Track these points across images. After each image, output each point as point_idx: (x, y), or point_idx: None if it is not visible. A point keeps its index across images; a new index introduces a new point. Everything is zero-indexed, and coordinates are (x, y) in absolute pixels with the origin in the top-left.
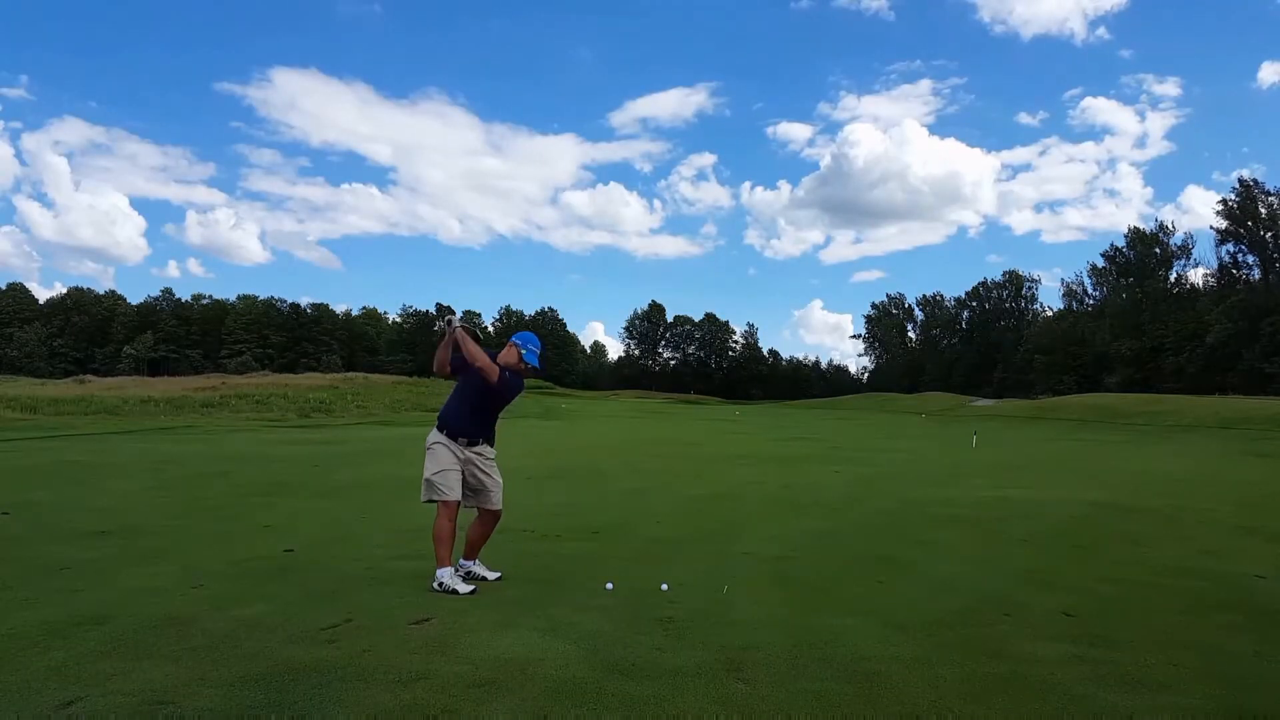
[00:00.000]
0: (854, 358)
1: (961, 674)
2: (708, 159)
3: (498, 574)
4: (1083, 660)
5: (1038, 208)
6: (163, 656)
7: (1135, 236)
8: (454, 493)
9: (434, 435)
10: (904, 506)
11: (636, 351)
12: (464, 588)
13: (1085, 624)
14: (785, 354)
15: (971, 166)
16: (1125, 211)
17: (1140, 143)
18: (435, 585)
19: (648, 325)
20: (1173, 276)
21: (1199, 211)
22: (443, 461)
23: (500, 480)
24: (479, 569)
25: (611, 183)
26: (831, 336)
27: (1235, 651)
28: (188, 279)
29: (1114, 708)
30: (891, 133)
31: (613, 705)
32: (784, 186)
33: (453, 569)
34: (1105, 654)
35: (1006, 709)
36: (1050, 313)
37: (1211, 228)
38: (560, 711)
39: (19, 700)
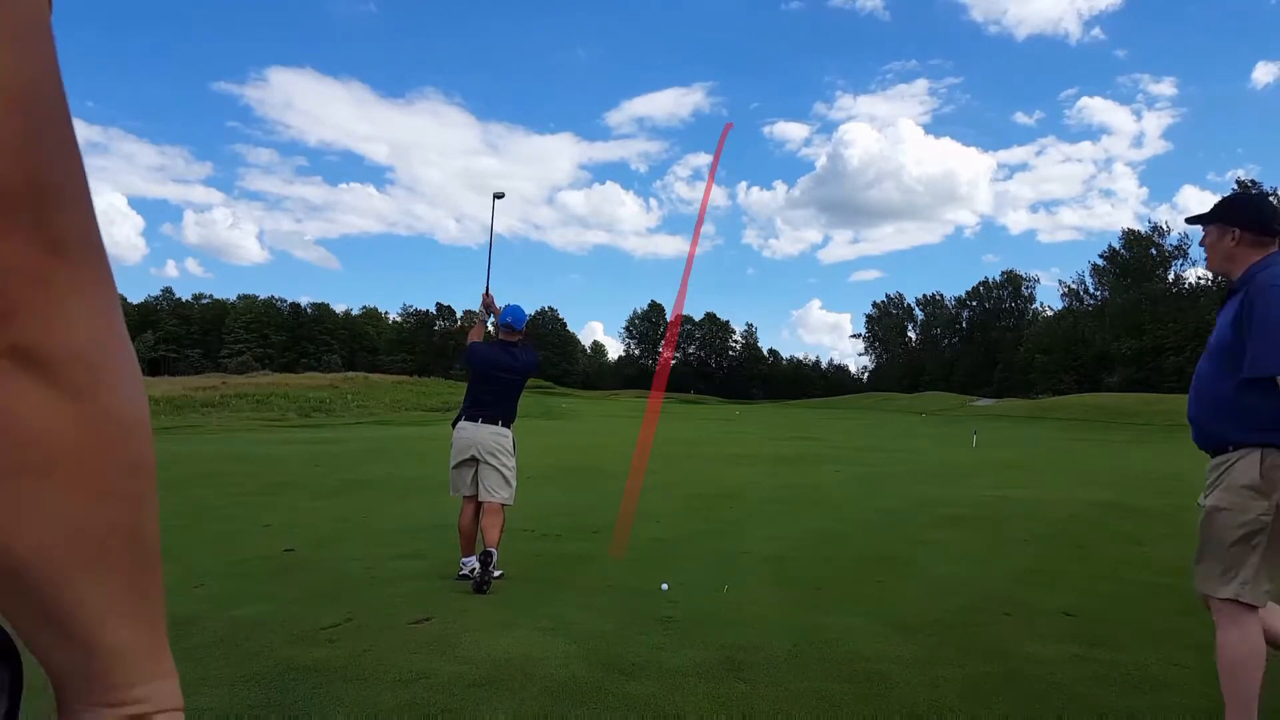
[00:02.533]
0: (854, 357)
1: (961, 674)
2: (703, 159)
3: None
4: (1083, 660)
5: (1033, 208)
6: None
7: (1130, 237)
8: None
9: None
10: (904, 506)
11: (637, 351)
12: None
13: (1086, 624)
14: (785, 354)
15: (968, 166)
16: (1121, 211)
17: (1137, 142)
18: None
19: (647, 325)
20: (1171, 276)
21: (1195, 211)
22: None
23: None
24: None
25: (608, 182)
26: (830, 336)
27: None
28: (186, 278)
29: (1114, 707)
30: (887, 132)
31: (613, 705)
32: (780, 186)
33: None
34: (1106, 654)
35: (1006, 709)
36: (1050, 312)
37: None
38: (560, 711)
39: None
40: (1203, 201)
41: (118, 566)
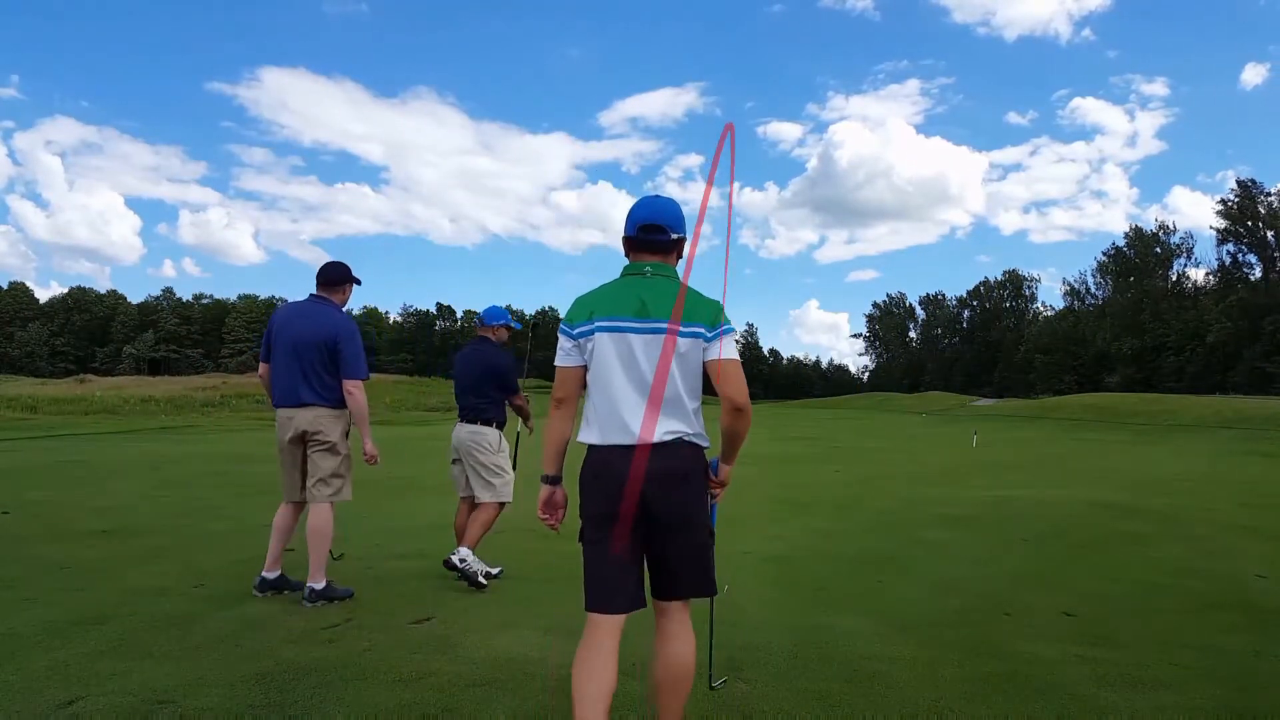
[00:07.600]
0: (853, 357)
1: (961, 674)
2: (695, 159)
3: (494, 570)
4: (1083, 660)
5: (1026, 208)
6: (163, 656)
7: (1134, 236)
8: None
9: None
10: (904, 506)
11: None
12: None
13: (1085, 624)
14: (785, 354)
15: (961, 166)
16: (1113, 212)
17: (1131, 142)
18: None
19: None
20: (1173, 276)
21: (1186, 212)
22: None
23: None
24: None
25: (601, 182)
26: (828, 336)
27: (1235, 651)
28: (183, 278)
29: (1115, 707)
30: (879, 132)
31: (613, 705)
32: (771, 188)
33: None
34: (1106, 654)
35: (1006, 709)
36: (1051, 312)
37: (1212, 228)
38: (561, 710)
39: (19, 700)
40: (1193, 202)
41: (740, 436)
